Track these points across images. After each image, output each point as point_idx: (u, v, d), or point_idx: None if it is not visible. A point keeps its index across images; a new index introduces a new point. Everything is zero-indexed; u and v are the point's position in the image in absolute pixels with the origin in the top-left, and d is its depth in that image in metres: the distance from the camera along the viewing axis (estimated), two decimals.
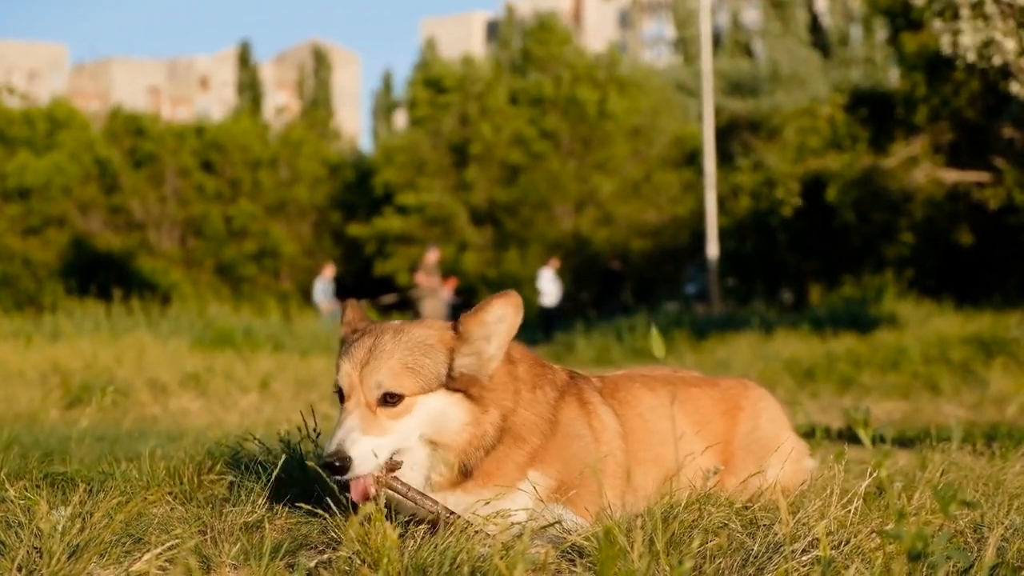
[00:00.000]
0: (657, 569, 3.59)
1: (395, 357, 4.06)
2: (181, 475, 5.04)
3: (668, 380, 5.07)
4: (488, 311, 4.19)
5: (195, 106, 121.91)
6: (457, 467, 4.14)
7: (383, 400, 4.03)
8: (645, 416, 4.75)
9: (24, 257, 48.88)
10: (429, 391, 4.08)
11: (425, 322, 4.27)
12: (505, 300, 4.21)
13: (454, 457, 4.13)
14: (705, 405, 5.06)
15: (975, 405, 13.58)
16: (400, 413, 4.04)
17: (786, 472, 4.95)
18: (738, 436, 5.06)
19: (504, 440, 4.21)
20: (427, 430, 4.09)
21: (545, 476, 4.24)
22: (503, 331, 4.21)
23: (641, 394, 4.85)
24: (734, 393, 5.22)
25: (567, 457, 4.30)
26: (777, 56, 60.10)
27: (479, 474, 4.18)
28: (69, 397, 14.40)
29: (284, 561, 3.84)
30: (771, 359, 18.29)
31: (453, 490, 4.17)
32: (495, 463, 4.19)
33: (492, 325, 4.20)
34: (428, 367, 4.08)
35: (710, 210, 35.33)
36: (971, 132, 32.07)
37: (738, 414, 5.12)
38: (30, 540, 3.91)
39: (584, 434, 4.43)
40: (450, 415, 4.11)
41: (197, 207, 53.39)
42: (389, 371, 4.03)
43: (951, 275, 34.91)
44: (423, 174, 52.09)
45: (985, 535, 4.16)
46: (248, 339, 22.06)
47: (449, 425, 4.11)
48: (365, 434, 3.97)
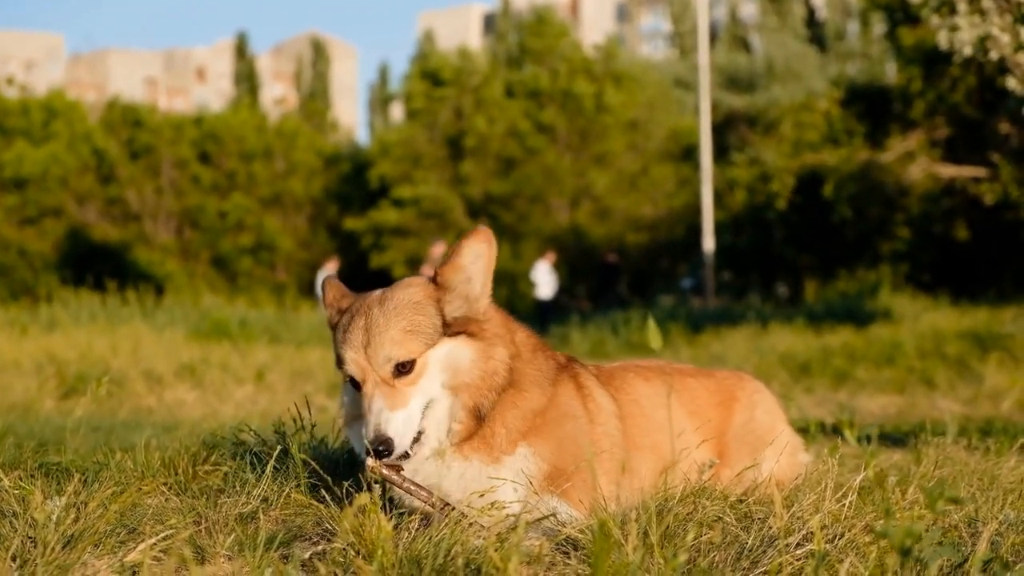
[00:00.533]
0: (651, 562, 3.59)
1: (391, 326, 4.08)
2: (176, 466, 5.04)
3: (663, 370, 5.07)
4: (461, 254, 4.19)
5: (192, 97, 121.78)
6: (473, 411, 4.15)
7: (397, 371, 4.05)
8: (641, 403, 4.75)
9: (20, 247, 48.82)
10: (433, 345, 4.10)
11: (403, 282, 4.28)
12: (475, 238, 4.20)
13: (470, 398, 4.14)
14: (700, 396, 5.06)
15: (970, 400, 13.61)
16: (416, 377, 4.07)
17: (781, 466, 4.95)
18: (733, 427, 5.05)
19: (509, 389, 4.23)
20: (444, 377, 4.12)
21: (537, 456, 4.24)
22: (482, 267, 4.21)
23: (636, 383, 4.85)
24: (729, 384, 5.22)
25: (561, 437, 4.30)
26: (774, 50, 60.03)
27: (476, 440, 4.19)
28: (64, 387, 14.41)
29: (279, 552, 3.84)
30: (766, 353, 18.30)
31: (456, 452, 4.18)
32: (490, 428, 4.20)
33: (469, 266, 4.20)
34: (424, 324, 4.11)
35: (706, 204, 35.34)
36: (968, 127, 32.09)
37: (733, 405, 5.12)
38: (25, 530, 3.91)
39: (579, 415, 4.43)
40: (459, 355, 4.14)
41: (193, 199, 53.33)
42: (391, 342, 4.05)
43: (947, 270, 34.95)
44: (419, 167, 52.03)
45: (979, 530, 4.16)
46: (244, 330, 22.07)
47: (461, 364, 4.14)
48: (394, 410, 4.00)
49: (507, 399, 4.24)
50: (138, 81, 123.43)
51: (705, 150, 35.91)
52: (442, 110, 53.28)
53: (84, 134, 53.18)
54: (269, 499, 4.49)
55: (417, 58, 61.09)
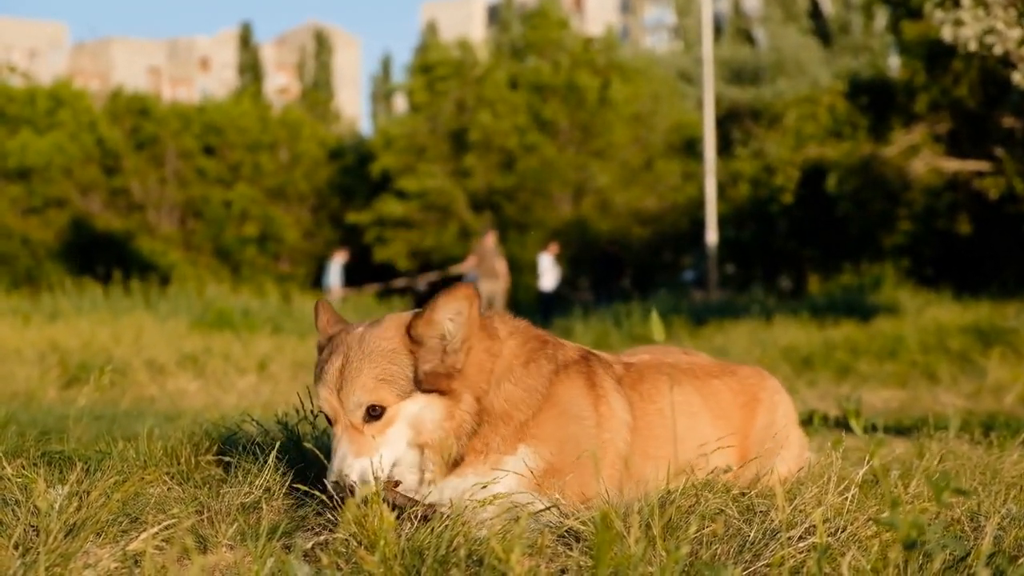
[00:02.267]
0: (654, 554, 3.59)
1: (364, 372, 4.04)
2: (178, 455, 5.04)
3: (693, 372, 5.00)
4: (437, 310, 4.12)
5: (195, 87, 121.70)
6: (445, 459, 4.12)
7: (367, 417, 4.04)
8: (666, 412, 4.65)
9: (23, 236, 48.79)
10: (406, 396, 4.06)
11: (382, 324, 4.20)
12: (453, 296, 4.11)
13: (438, 451, 4.11)
14: (726, 398, 5.00)
15: (973, 394, 13.59)
16: (385, 425, 4.04)
17: (791, 468, 4.96)
18: (756, 430, 5.01)
19: (486, 420, 4.18)
20: (410, 435, 4.08)
21: (536, 455, 4.20)
22: (461, 324, 4.12)
23: (665, 388, 4.73)
24: (752, 384, 5.16)
25: (562, 438, 4.25)
26: (778, 43, 60.02)
27: (469, 456, 4.17)
28: (67, 376, 14.41)
29: (281, 542, 3.84)
30: (769, 346, 18.27)
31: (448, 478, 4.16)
32: (482, 442, 4.18)
33: (446, 322, 4.12)
34: (398, 375, 4.06)
35: (709, 197, 35.33)
36: (971, 121, 32.04)
37: (757, 406, 5.07)
38: (27, 518, 3.91)
39: (586, 416, 4.36)
40: (425, 416, 4.09)
41: (197, 189, 53.31)
42: (363, 388, 4.03)
43: (950, 264, 34.95)
44: (422, 160, 51.96)
45: (982, 524, 4.16)
46: (246, 320, 22.06)
47: (426, 426, 4.09)
48: (358, 457, 4.00)
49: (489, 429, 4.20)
50: (141, 70, 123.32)
51: (709, 143, 35.90)
52: (444, 103, 53.18)
53: (88, 123, 53.13)
54: (271, 489, 4.49)
55: (419, 50, 61.01)
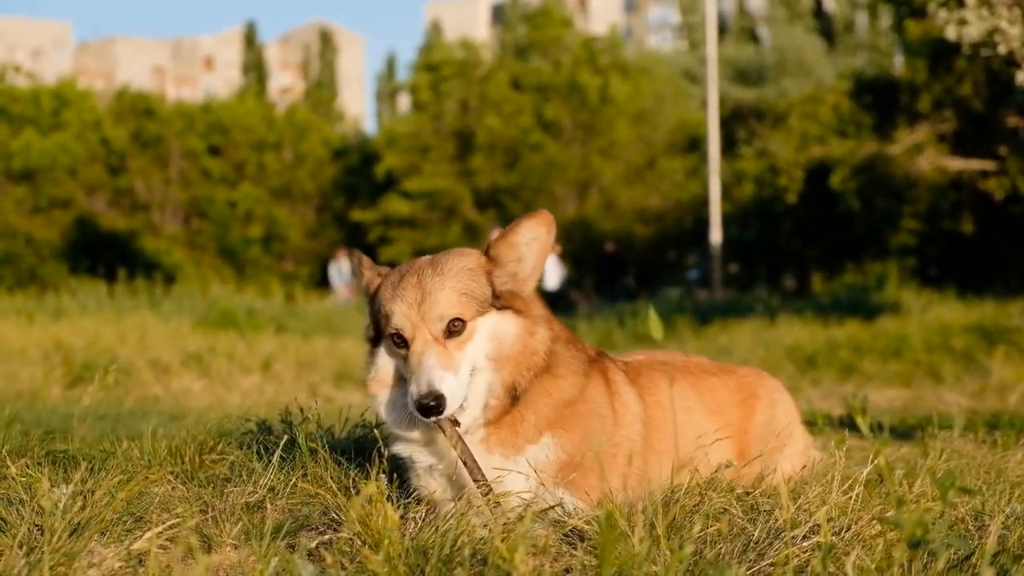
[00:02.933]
0: (658, 553, 3.59)
1: (447, 287, 4.10)
2: (183, 455, 5.05)
3: (688, 369, 5.06)
4: (517, 232, 4.25)
5: (199, 86, 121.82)
6: (510, 389, 4.16)
7: (448, 331, 4.06)
8: (664, 405, 4.72)
9: (27, 236, 48.82)
10: (483, 313, 4.13)
11: (455, 250, 4.31)
12: (535, 220, 4.26)
13: (509, 374, 4.15)
14: (723, 395, 5.05)
15: (977, 393, 13.57)
16: (465, 340, 4.08)
17: (795, 465, 4.97)
18: (755, 427, 5.05)
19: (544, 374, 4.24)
20: (489, 348, 4.13)
21: (558, 446, 4.23)
22: (536, 250, 4.26)
23: (661, 383, 4.81)
24: (750, 382, 5.21)
25: (586, 432, 4.29)
26: (782, 43, 59.97)
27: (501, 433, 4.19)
28: (71, 376, 14.42)
29: (285, 541, 3.85)
30: (773, 345, 18.26)
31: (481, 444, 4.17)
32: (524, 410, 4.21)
33: (523, 246, 4.24)
34: (477, 291, 4.13)
35: (714, 196, 35.32)
36: (975, 120, 32.05)
37: (755, 404, 5.11)
38: (31, 517, 3.92)
39: (606, 414, 4.42)
40: (505, 328, 4.16)
41: (201, 189, 53.34)
42: (447, 302, 4.07)
43: (954, 263, 34.95)
44: (427, 159, 51.97)
45: (986, 523, 4.16)
46: (251, 320, 22.05)
47: (506, 338, 4.16)
48: (446, 370, 3.99)
49: (541, 384, 4.25)
50: (145, 70, 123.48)
51: (713, 142, 35.88)
52: (448, 102, 53.19)
53: (93, 123, 53.18)
54: (276, 488, 4.50)
55: (423, 49, 61.03)
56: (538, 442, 4.22)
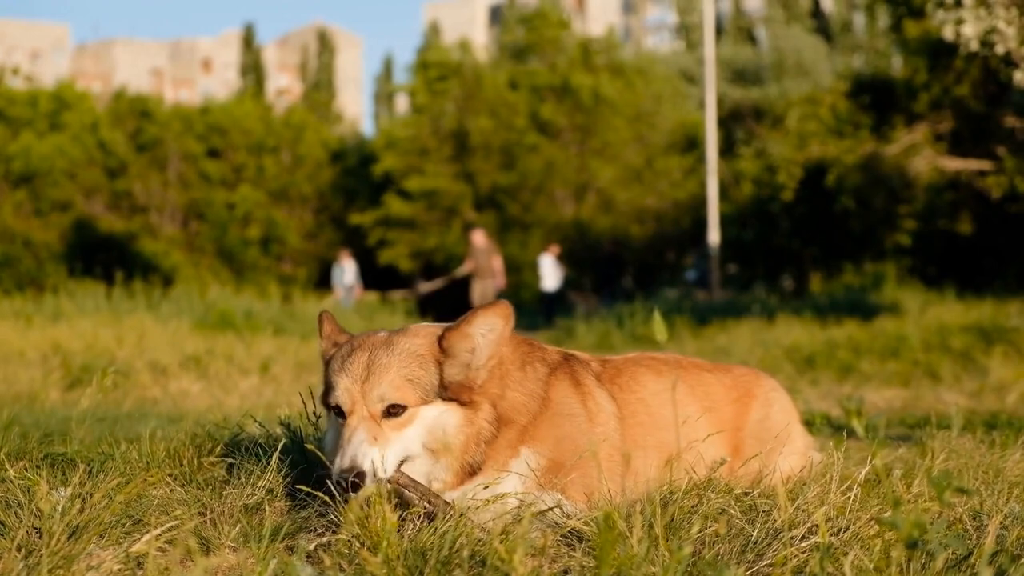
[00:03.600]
0: (656, 554, 3.59)
1: (393, 370, 4.06)
2: (181, 457, 5.05)
3: (677, 363, 5.08)
4: (472, 324, 4.18)
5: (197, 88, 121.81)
6: (460, 469, 4.14)
7: (387, 412, 4.04)
8: (648, 401, 4.74)
9: (26, 238, 48.77)
10: (427, 402, 4.09)
11: (410, 331, 4.25)
12: (492, 311, 4.19)
13: (455, 461, 4.13)
14: (717, 391, 5.07)
15: (975, 393, 13.57)
16: (403, 424, 4.05)
17: (793, 465, 4.96)
18: (749, 424, 5.06)
19: (499, 427, 4.21)
20: (427, 439, 4.09)
21: (536, 454, 4.24)
22: (492, 341, 4.20)
23: (646, 378, 4.84)
24: (746, 380, 5.23)
25: (559, 436, 4.30)
26: (780, 43, 59.93)
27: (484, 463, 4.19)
28: (70, 378, 14.40)
29: (284, 543, 3.85)
30: (771, 346, 18.27)
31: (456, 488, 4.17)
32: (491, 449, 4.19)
33: (478, 337, 4.19)
34: (424, 378, 4.09)
35: (712, 197, 35.30)
36: (973, 120, 32.01)
37: (751, 402, 5.12)
38: (30, 520, 3.92)
39: (577, 413, 4.43)
40: (446, 422, 4.11)
41: (200, 191, 53.31)
42: (390, 384, 4.04)
43: (952, 263, 34.94)
44: (425, 160, 51.95)
45: (984, 523, 4.16)
46: (249, 322, 22.08)
47: (446, 432, 4.11)
48: (372, 446, 3.97)
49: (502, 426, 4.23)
50: (144, 72, 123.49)
51: (711, 143, 35.87)
52: (445, 103, 53.18)
53: (91, 125, 53.15)
54: (274, 490, 4.50)
55: (421, 50, 61.02)
56: (519, 456, 4.23)
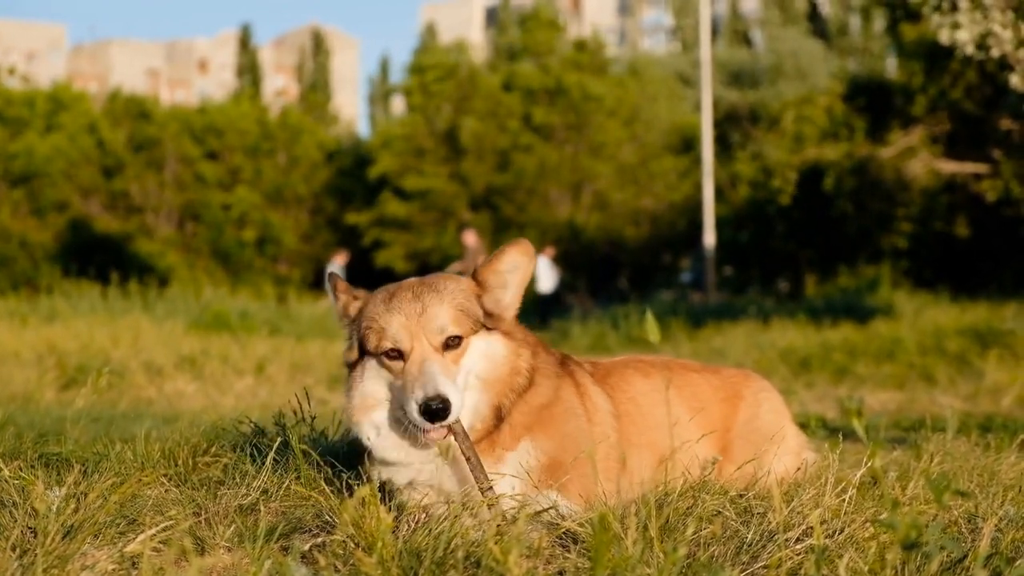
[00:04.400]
0: (651, 555, 3.59)
1: (446, 303, 4.17)
2: (176, 457, 5.04)
3: (665, 365, 5.12)
4: (502, 260, 4.33)
5: (194, 89, 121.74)
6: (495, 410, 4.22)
7: (446, 344, 4.13)
8: (638, 400, 4.80)
9: (21, 238, 48.74)
10: (476, 332, 4.21)
11: (445, 275, 4.39)
12: (517, 249, 4.34)
13: (496, 396, 4.22)
14: (704, 391, 5.09)
15: (970, 396, 13.59)
16: (460, 354, 4.16)
17: (787, 465, 4.96)
18: (738, 424, 5.08)
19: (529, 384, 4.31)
20: (481, 366, 4.20)
21: (538, 449, 4.28)
22: (518, 279, 4.35)
23: (634, 379, 4.90)
24: (735, 382, 5.25)
25: (564, 433, 4.35)
26: (776, 46, 59.98)
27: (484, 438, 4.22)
28: (65, 378, 14.40)
29: (278, 544, 3.84)
30: (767, 348, 18.28)
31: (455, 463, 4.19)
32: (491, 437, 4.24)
33: (506, 274, 4.33)
34: (472, 311, 4.22)
35: (707, 199, 35.32)
36: (969, 123, 32.04)
37: (739, 403, 5.14)
38: (25, 520, 3.91)
39: (579, 413, 4.48)
40: (496, 349, 4.25)
41: (195, 192, 53.25)
42: (447, 316, 4.14)
43: (947, 266, 34.96)
44: (421, 161, 51.97)
45: (979, 525, 4.16)
46: (244, 322, 22.08)
47: (496, 358, 4.24)
48: (448, 378, 4.05)
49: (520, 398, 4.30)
50: (140, 72, 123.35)
51: (706, 145, 35.89)
52: (441, 104, 53.21)
53: (88, 126, 53.10)
54: (269, 491, 4.50)
55: (417, 51, 61.05)
56: (516, 448, 4.27)
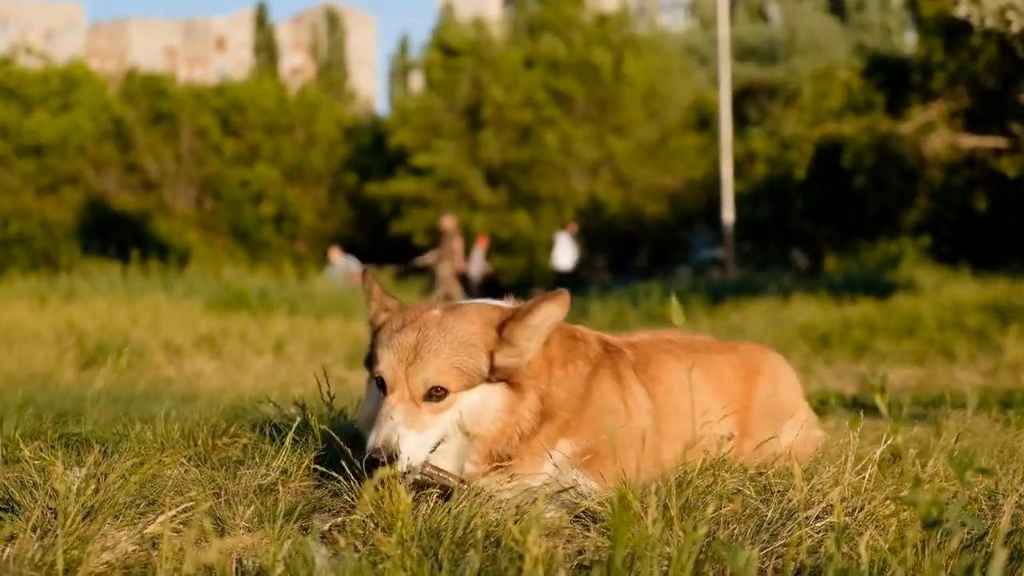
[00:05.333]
0: (671, 534, 3.59)
1: (442, 356, 4.06)
2: (195, 437, 5.04)
3: (690, 346, 5.08)
4: (536, 314, 4.20)
5: (211, 67, 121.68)
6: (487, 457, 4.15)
7: (428, 396, 4.04)
8: (673, 391, 4.74)
9: (41, 217, 48.80)
10: (471, 387, 4.09)
11: (468, 314, 4.23)
12: (554, 303, 4.20)
13: (487, 445, 4.13)
14: (726, 372, 5.07)
15: (990, 372, 13.54)
16: (443, 408, 4.06)
17: (799, 440, 4.95)
18: (757, 401, 5.07)
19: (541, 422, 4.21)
20: (466, 421, 4.09)
21: (574, 444, 4.25)
22: (546, 328, 4.23)
23: (670, 367, 4.83)
24: (752, 357, 5.24)
25: (598, 430, 4.29)
26: (793, 21, 59.81)
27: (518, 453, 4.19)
28: (84, 358, 14.43)
29: (298, 524, 3.84)
30: (786, 325, 18.25)
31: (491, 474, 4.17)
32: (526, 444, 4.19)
33: (537, 327, 4.21)
34: (472, 366, 4.09)
35: (726, 176, 35.22)
36: (988, 98, 31.88)
37: (757, 379, 5.13)
38: (45, 501, 3.92)
39: (618, 409, 4.43)
40: (488, 404, 4.12)
41: (213, 168, 53.22)
42: (436, 370, 4.04)
43: (967, 241, 34.81)
44: (438, 136, 51.93)
45: (1000, 502, 4.15)
46: (263, 301, 22.08)
47: (486, 415, 4.12)
48: (410, 429, 3.98)
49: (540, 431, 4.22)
50: (157, 51, 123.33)
51: (725, 122, 35.78)
52: (460, 80, 53.14)
53: (103, 104, 53.09)
54: (288, 471, 4.50)
55: (436, 29, 61.00)
56: (555, 447, 4.23)
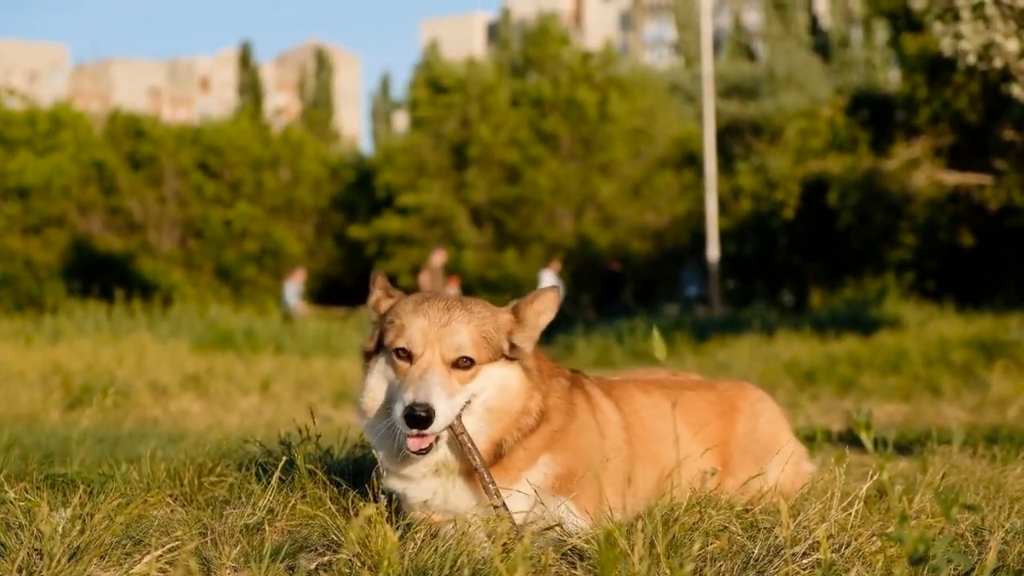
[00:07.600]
0: (658, 572, 3.59)
1: (473, 325, 4.19)
2: (182, 477, 5.04)
3: (663, 384, 5.13)
4: (540, 301, 4.39)
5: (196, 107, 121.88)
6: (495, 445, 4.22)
7: (457, 363, 4.14)
8: (641, 414, 4.83)
9: (25, 258, 48.72)
10: (493, 362, 4.22)
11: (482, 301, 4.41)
12: (551, 295, 4.42)
13: (498, 432, 4.22)
14: (701, 407, 5.09)
15: (976, 408, 13.57)
16: (468, 377, 4.16)
17: (786, 475, 4.95)
18: (736, 437, 5.09)
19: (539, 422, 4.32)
20: (488, 394, 4.21)
21: (554, 462, 4.30)
22: (543, 322, 4.41)
23: (637, 395, 4.92)
24: (731, 395, 5.25)
25: (579, 446, 4.39)
26: (778, 58, 60.05)
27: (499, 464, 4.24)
28: (70, 398, 14.40)
29: (284, 563, 3.84)
30: (772, 361, 18.26)
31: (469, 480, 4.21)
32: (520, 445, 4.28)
33: (539, 315, 4.39)
34: (496, 342, 4.24)
35: (711, 213, 35.30)
36: (972, 134, 32.04)
37: (736, 415, 5.15)
38: (30, 542, 3.91)
39: (592, 426, 4.52)
40: (510, 381, 4.26)
41: (196, 209, 53.17)
42: (468, 337, 4.16)
43: (952, 277, 34.87)
44: (424, 175, 51.95)
45: (986, 538, 4.15)
46: (249, 340, 22.04)
47: (508, 390, 4.25)
48: (443, 390, 4.05)
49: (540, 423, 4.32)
50: (142, 91, 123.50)
51: (709, 158, 35.88)
52: (447, 118, 53.18)
53: (88, 145, 53.07)
54: (275, 510, 4.49)
55: (421, 66, 61.00)
56: (535, 465, 4.28)
